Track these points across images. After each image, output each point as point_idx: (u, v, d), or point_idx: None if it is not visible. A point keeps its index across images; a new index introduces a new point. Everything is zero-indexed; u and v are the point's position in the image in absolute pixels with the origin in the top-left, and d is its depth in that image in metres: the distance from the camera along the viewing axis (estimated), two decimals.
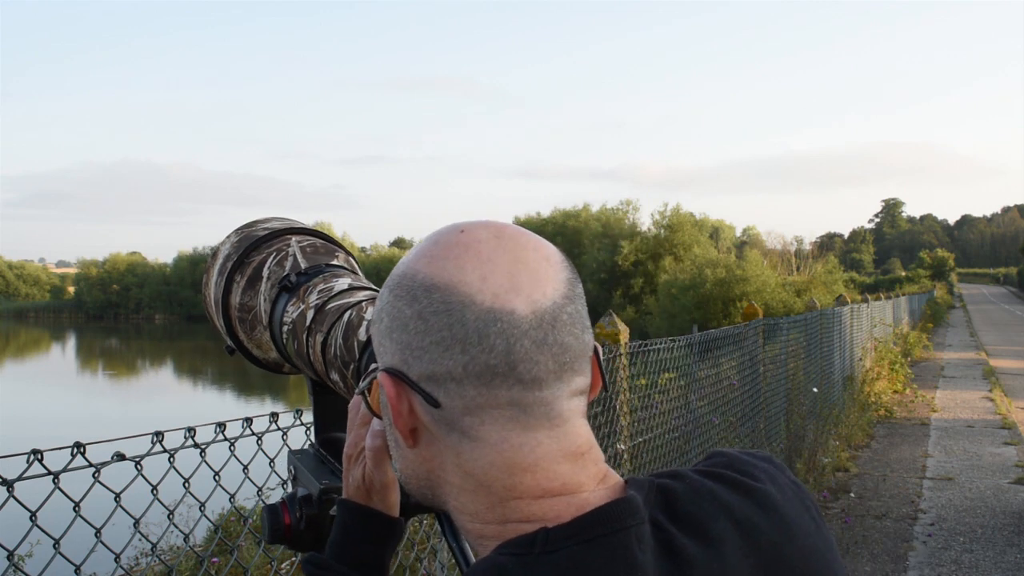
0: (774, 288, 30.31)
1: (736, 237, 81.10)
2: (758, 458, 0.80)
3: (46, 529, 1.51)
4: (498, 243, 0.72)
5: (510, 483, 0.70)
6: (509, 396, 0.69)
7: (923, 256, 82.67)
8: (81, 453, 1.51)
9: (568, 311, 0.71)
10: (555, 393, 0.70)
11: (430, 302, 0.69)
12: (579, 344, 0.71)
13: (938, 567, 5.25)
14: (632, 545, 0.67)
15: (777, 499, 0.75)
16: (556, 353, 0.69)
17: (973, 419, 10.58)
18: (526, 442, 0.70)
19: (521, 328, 0.68)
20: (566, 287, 0.72)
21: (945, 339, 24.65)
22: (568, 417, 0.71)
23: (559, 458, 0.70)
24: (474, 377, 0.69)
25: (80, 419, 18.22)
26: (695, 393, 4.84)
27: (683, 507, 0.71)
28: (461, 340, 0.68)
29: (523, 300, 0.69)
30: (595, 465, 0.72)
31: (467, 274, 0.69)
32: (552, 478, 0.70)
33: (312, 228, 1.21)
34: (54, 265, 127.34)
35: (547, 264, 0.72)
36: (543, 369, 0.69)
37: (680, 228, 41.68)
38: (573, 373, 0.71)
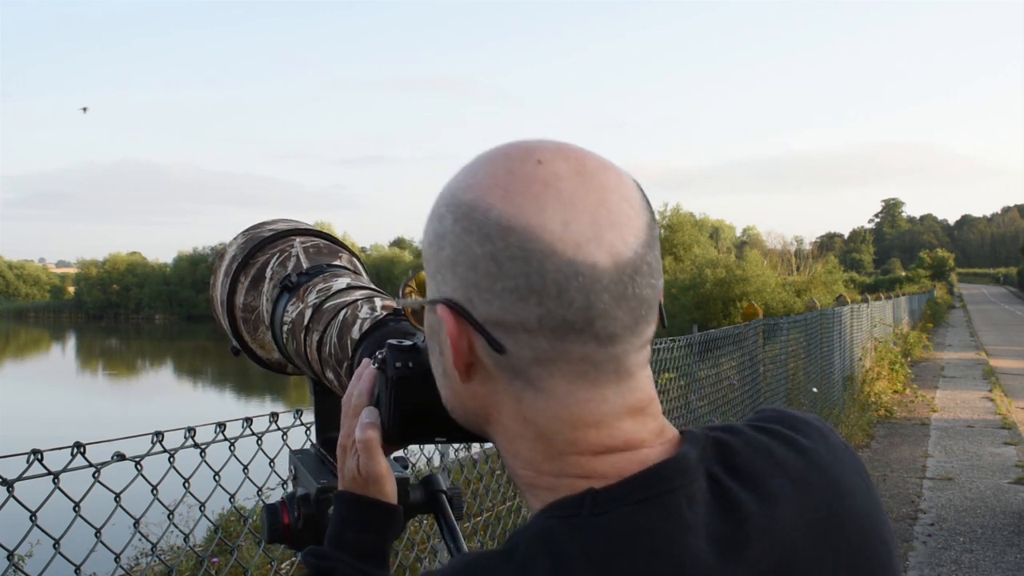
0: (774, 288, 30.31)
1: (736, 237, 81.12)
2: (811, 417, 0.79)
3: (46, 529, 1.51)
4: (581, 181, 0.67)
5: (572, 437, 0.68)
6: (583, 352, 0.66)
7: (923, 256, 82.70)
8: (81, 453, 1.51)
9: (648, 260, 0.67)
10: (627, 348, 0.67)
11: (506, 246, 0.65)
12: (655, 294, 0.68)
13: (938, 567, 5.25)
14: (682, 505, 0.65)
15: (827, 459, 0.73)
16: (634, 307, 0.66)
17: (973, 419, 10.58)
18: (592, 397, 0.67)
19: (602, 283, 0.65)
20: (647, 233, 0.68)
21: (945, 339, 24.65)
22: (634, 371, 0.69)
23: (623, 414, 0.68)
24: (548, 331, 0.65)
25: (80, 419, 18.22)
26: (695, 393, 4.85)
27: (741, 462, 0.70)
28: (538, 292, 0.64)
29: (605, 251, 0.65)
30: (655, 420, 0.70)
31: (548, 218, 0.65)
32: (615, 435, 0.68)
33: (317, 229, 1.21)
34: (54, 265, 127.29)
35: (629, 207, 0.68)
36: (619, 324, 0.66)
37: (680, 228, 41.71)
38: (646, 324, 0.68)
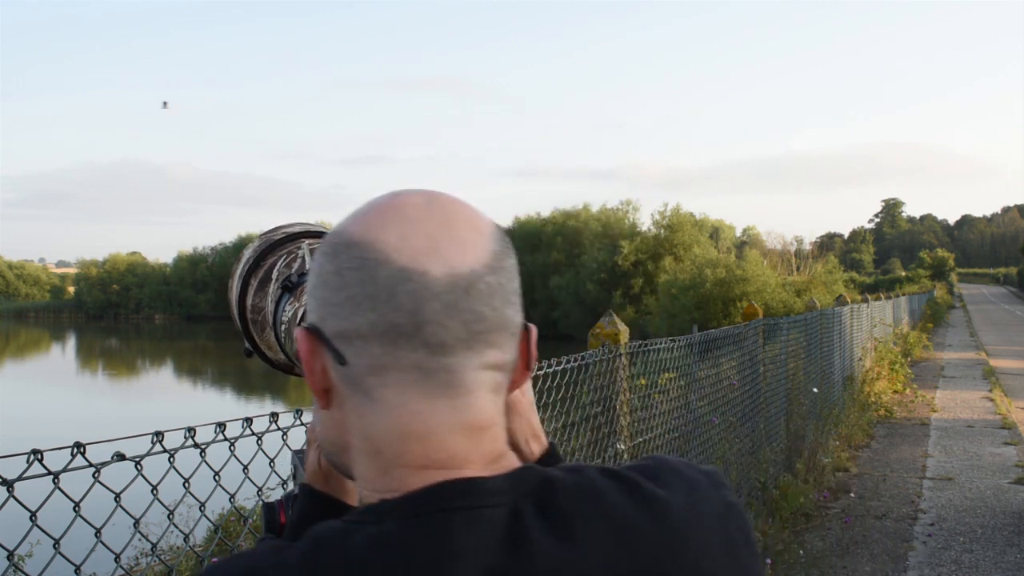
0: (774, 288, 30.30)
1: (736, 237, 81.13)
2: (693, 470, 0.77)
3: (46, 529, 1.51)
4: (428, 207, 0.70)
5: (400, 449, 0.68)
6: (413, 359, 0.67)
7: (923, 256, 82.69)
8: (81, 453, 1.51)
9: (488, 281, 0.69)
10: (462, 362, 0.68)
11: (349, 258, 0.69)
12: (497, 317, 0.69)
13: (938, 567, 5.24)
14: (455, 527, 0.65)
15: (681, 514, 0.71)
16: (467, 320, 0.67)
17: (973, 419, 10.58)
18: (423, 409, 0.68)
19: (432, 290, 0.67)
20: (490, 257, 0.70)
21: (945, 339, 24.64)
22: (473, 389, 0.69)
23: (455, 429, 0.68)
24: (380, 335, 0.67)
25: (80, 419, 18.22)
26: (695, 393, 4.84)
27: (559, 501, 0.68)
28: (371, 297, 0.67)
29: (439, 262, 0.67)
30: (493, 443, 0.70)
31: (388, 233, 0.68)
32: (440, 449, 0.68)
33: (323, 231, 1.20)
34: (54, 265, 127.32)
35: (474, 232, 0.70)
36: (451, 335, 0.67)
37: (680, 228, 41.68)
38: (486, 345, 0.69)
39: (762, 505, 5.71)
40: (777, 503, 5.89)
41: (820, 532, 5.88)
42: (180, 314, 74.42)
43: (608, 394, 3.73)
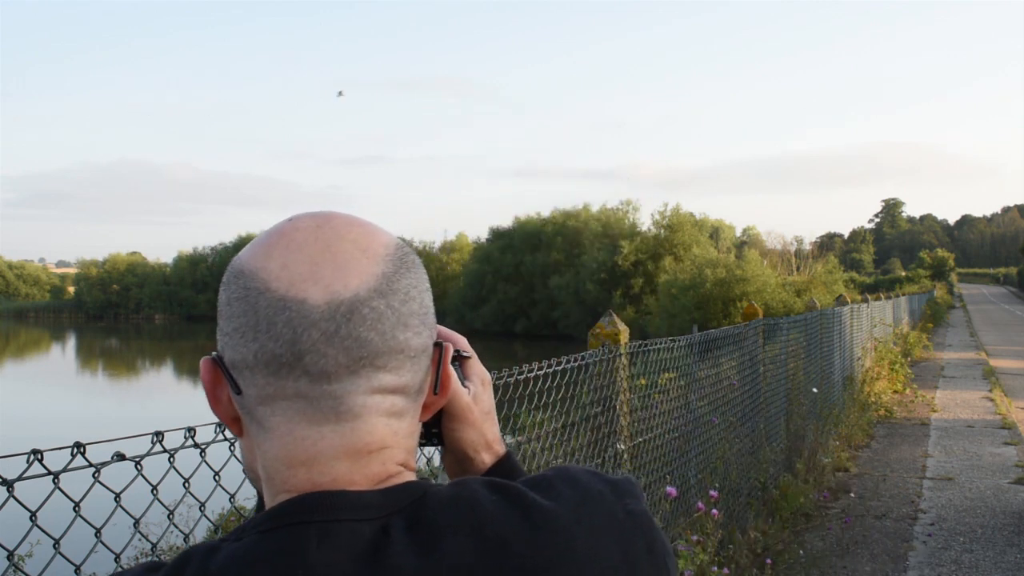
0: (774, 288, 30.31)
1: (736, 237, 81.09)
2: (596, 479, 0.75)
3: (46, 529, 1.51)
4: (315, 232, 0.70)
5: (286, 475, 0.69)
6: (296, 387, 0.67)
7: (923, 256, 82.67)
8: (81, 453, 1.51)
9: (373, 305, 0.68)
10: (347, 388, 0.68)
11: (236, 288, 0.69)
12: (384, 341, 0.68)
13: (938, 567, 5.24)
14: (307, 541, 0.64)
15: (563, 522, 0.69)
16: (349, 347, 0.67)
17: (973, 419, 10.58)
18: (309, 435, 0.68)
19: (310, 318, 0.66)
20: (378, 280, 0.69)
21: (945, 339, 24.64)
22: (360, 414, 0.68)
23: (339, 454, 0.68)
24: (263, 365, 0.67)
25: (80, 419, 18.23)
26: (695, 393, 4.84)
27: (430, 515, 0.68)
28: (254, 327, 0.67)
29: (319, 289, 0.67)
30: (382, 465, 0.70)
31: (270, 261, 0.68)
32: (324, 473, 0.68)
33: None
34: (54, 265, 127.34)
35: (361, 255, 0.69)
36: (332, 362, 0.67)
37: (680, 228, 41.69)
38: (374, 370, 0.68)
39: (762, 505, 5.71)
40: (777, 503, 5.88)
41: (820, 532, 5.88)
42: (180, 314, 74.40)
43: (608, 394, 3.73)
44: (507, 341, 44.06)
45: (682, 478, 4.60)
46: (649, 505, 3.77)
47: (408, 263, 0.72)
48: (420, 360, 0.72)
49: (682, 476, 4.62)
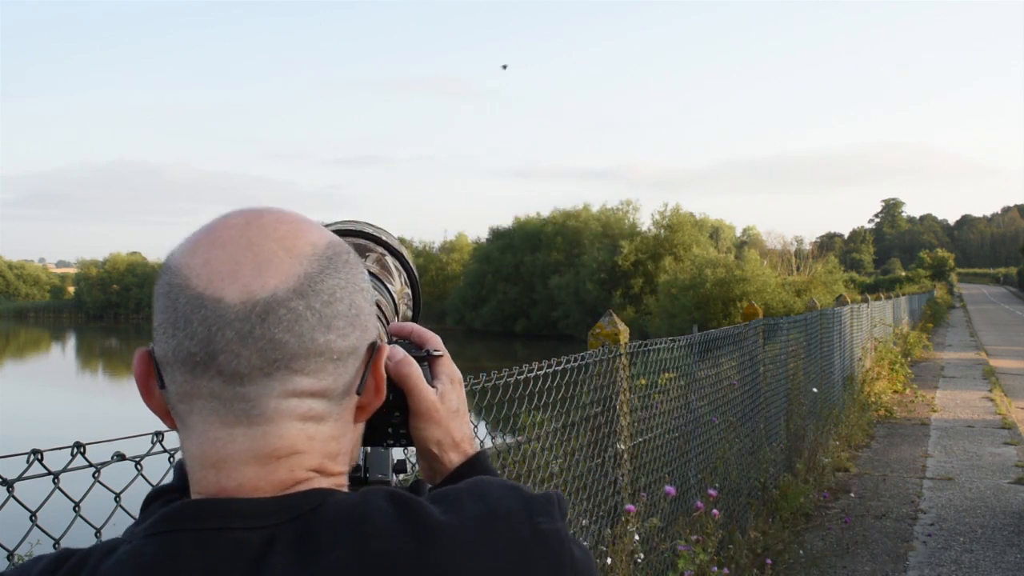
0: (774, 288, 30.32)
1: (736, 237, 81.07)
2: (509, 496, 0.72)
3: (46, 529, 1.51)
4: (242, 229, 0.69)
5: (198, 477, 0.68)
6: (211, 388, 0.66)
7: (923, 256, 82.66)
8: (81, 453, 1.51)
9: (292, 306, 0.66)
10: (260, 391, 0.66)
11: (162, 283, 0.69)
12: (301, 344, 0.67)
13: (938, 567, 5.24)
14: (184, 548, 0.64)
15: (455, 538, 0.67)
16: (263, 348, 0.66)
17: (973, 419, 10.58)
18: (221, 437, 0.67)
19: (225, 317, 0.65)
20: (298, 281, 0.67)
21: (945, 339, 24.64)
22: (273, 418, 0.67)
23: (248, 458, 0.67)
24: (181, 363, 0.66)
25: (80, 419, 18.22)
26: (695, 393, 4.84)
27: (321, 527, 0.66)
28: (173, 324, 0.66)
29: (237, 288, 0.66)
30: (289, 472, 0.68)
31: (195, 257, 0.68)
32: (231, 477, 0.67)
33: (357, 229, 1.16)
34: (54, 265, 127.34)
35: (284, 255, 0.68)
36: (245, 363, 0.65)
37: (680, 228, 41.71)
38: (290, 372, 0.67)
39: (762, 505, 5.71)
40: (777, 503, 5.88)
41: (820, 532, 5.88)
42: None
43: (608, 394, 3.73)
44: (507, 341, 44.05)
45: (682, 478, 4.60)
46: (649, 505, 3.74)
47: (338, 262, 0.71)
48: (346, 362, 0.70)
49: (682, 476, 4.62)
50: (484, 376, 2.70)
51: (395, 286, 1.13)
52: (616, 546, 3.45)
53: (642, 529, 3.65)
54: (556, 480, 3.33)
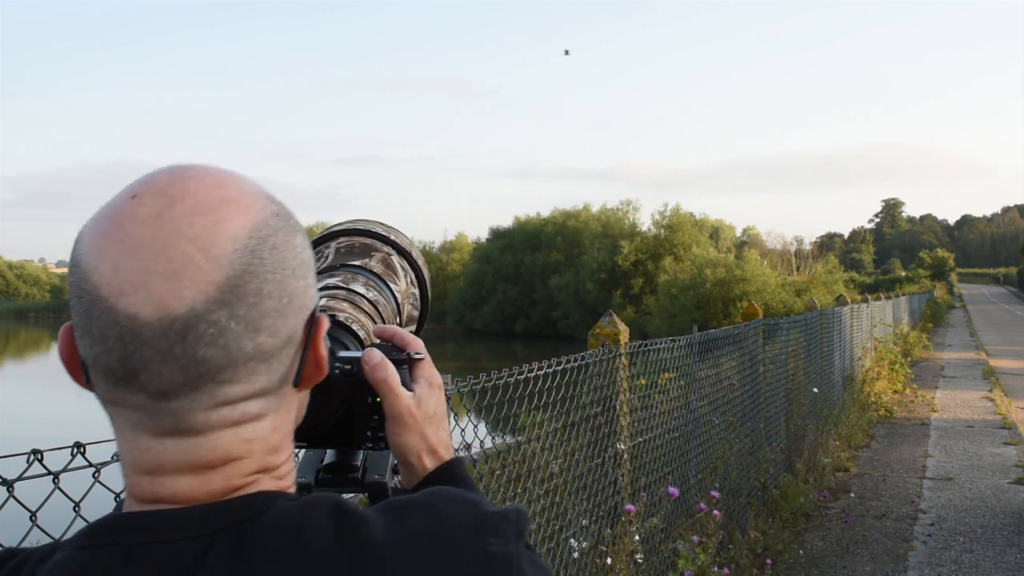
0: (774, 288, 30.33)
1: (736, 237, 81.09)
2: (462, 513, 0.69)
3: (46, 529, 1.51)
4: (155, 224, 0.62)
5: (132, 482, 0.66)
6: (135, 401, 0.64)
7: (923, 256, 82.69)
8: (81, 453, 1.51)
9: (213, 319, 0.62)
10: (187, 405, 0.63)
11: (73, 282, 0.64)
12: (226, 355, 0.63)
13: (938, 567, 5.24)
14: (111, 562, 0.62)
15: (392, 559, 0.64)
16: (185, 366, 0.62)
17: (973, 419, 10.58)
18: (153, 447, 0.65)
19: (141, 336, 0.61)
20: (219, 289, 0.62)
21: (945, 339, 24.64)
22: (203, 430, 0.64)
23: (182, 468, 0.65)
24: (101, 374, 0.64)
25: (80, 419, 18.20)
26: (695, 393, 4.84)
27: (256, 537, 0.64)
28: (89, 334, 0.63)
29: (150, 304, 0.61)
30: (226, 480, 0.66)
31: (104, 260, 0.62)
32: (166, 486, 0.65)
33: (365, 228, 1.16)
34: (54, 265, 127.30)
35: (201, 258, 0.62)
36: (168, 381, 0.62)
37: (680, 228, 41.71)
38: (217, 384, 0.63)
39: (762, 505, 5.71)
40: (777, 503, 5.88)
41: (820, 532, 5.88)
42: None
43: (608, 394, 3.73)
44: (507, 341, 44.05)
45: (682, 478, 4.60)
46: (649, 505, 3.73)
47: (264, 251, 0.65)
48: (281, 355, 0.67)
49: (682, 476, 4.62)
50: (484, 376, 2.70)
51: (400, 286, 1.13)
52: (616, 546, 3.45)
53: (642, 529, 3.65)
54: (556, 480, 3.33)
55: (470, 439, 2.72)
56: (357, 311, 0.98)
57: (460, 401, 2.66)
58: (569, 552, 3.26)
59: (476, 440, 2.76)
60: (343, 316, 0.94)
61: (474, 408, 2.72)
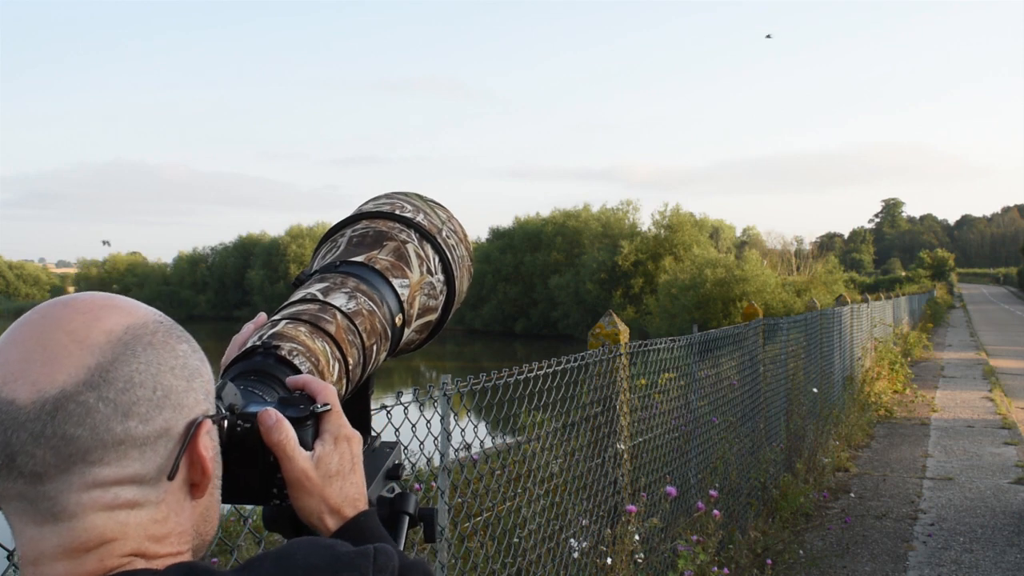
0: (774, 288, 30.33)
1: (736, 237, 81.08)
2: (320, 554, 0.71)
3: None
4: (37, 324, 0.69)
5: (24, 573, 0.69)
6: (17, 489, 0.67)
7: (923, 256, 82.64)
8: None
9: (81, 400, 0.66)
10: (59, 487, 0.66)
11: None
12: (95, 436, 0.66)
13: (938, 567, 5.24)
14: None
15: None
16: (56, 446, 0.65)
17: (973, 419, 10.58)
18: (34, 536, 0.68)
19: (19, 419, 0.65)
20: (89, 373, 0.67)
21: (945, 339, 24.63)
22: (76, 512, 0.67)
23: (58, 555, 0.67)
24: None
25: None
26: (695, 393, 4.84)
27: None
28: None
29: (27, 388, 0.66)
30: (100, 562, 0.68)
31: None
32: (48, 574, 0.67)
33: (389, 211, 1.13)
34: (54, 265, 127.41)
35: (75, 347, 0.68)
36: (41, 463, 0.65)
37: (680, 228, 41.68)
38: (88, 465, 0.66)
39: (762, 505, 5.71)
40: (777, 503, 5.88)
41: (820, 532, 5.88)
42: (180, 314, 74.41)
43: (608, 394, 3.73)
44: (507, 341, 44.06)
45: (682, 478, 4.60)
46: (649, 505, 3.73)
47: (138, 346, 0.69)
48: (155, 446, 0.69)
49: (682, 476, 4.62)
50: (484, 376, 2.69)
51: (411, 278, 1.08)
52: (616, 546, 3.45)
53: (642, 529, 3.65)
54: (556, 480, 3.33)
55: (470, 439, 2.72)
56: (315, 335, 0.95)
57: (460, 401, 2.66)
58: (569, 552, 3.26)
59: (476, 440, 2.76)
60: (287, 348, 0.91)
61: (474, 408, 2.72)
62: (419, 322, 1.11)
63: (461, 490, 2.89)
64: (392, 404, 2.27)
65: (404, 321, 1.07)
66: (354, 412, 1.07)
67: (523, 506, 3.14)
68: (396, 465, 1.04)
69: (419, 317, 1.10)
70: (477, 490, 2.88)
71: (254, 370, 0.90)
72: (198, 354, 0.76)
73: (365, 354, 1.00)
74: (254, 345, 0.92)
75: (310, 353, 0.92)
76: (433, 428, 2.50)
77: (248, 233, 70.83)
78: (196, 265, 75.29)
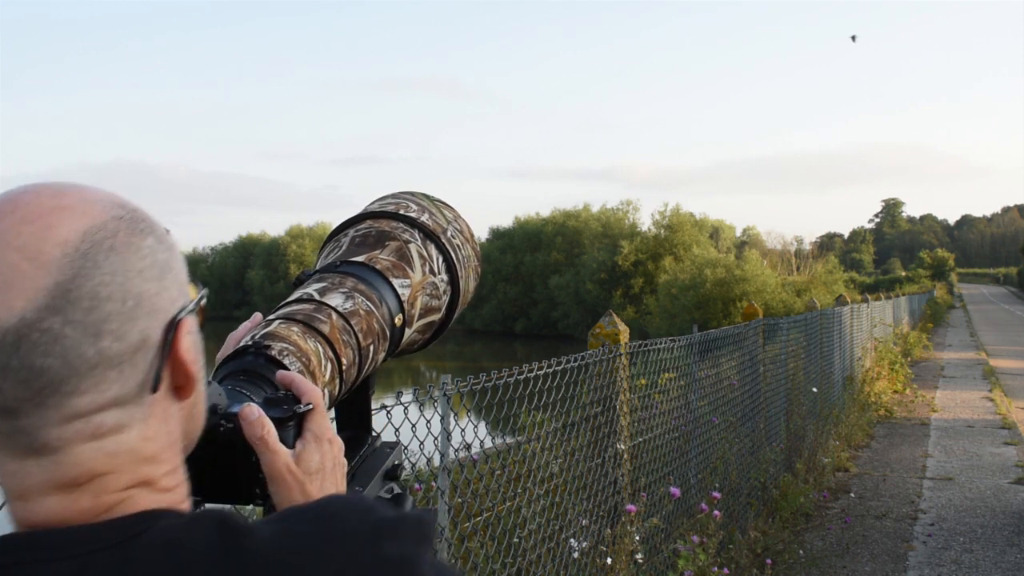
0: (774, 288, 30.34)
1: (736, 237, 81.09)
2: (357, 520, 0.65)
3: None
4: None
5: (11, 508, 0.65)
6: None
7: (923, 256, 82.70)
8: None
9: (45, 326, 0.59)
10: (36, 422, 0.61)
11: None
12: (67, 364, 0.60)
13: (938, 567, 5.24)
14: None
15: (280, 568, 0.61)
16: (25, 379, 0.60)
17: (973, 419, 10.58)
18: (17, 470, 0.63)
19: None
20: (48, 296, 0.60)
21: (945, 339, 24.64)
22: (59, 446, 0.62)
23: (48, 489, 0.63)
24: None
25: None
26: (695, 393, 4.84)
27: (135, 558, 0.61)
28: None
29: None
30: (95, 498, 0.63)
31: None
32: (38, 510, 0.63)
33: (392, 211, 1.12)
34: None
35: (29, 266, 0.60)
36: (11, 398, 0.60)
37: (680, 228, 41.69)
38: (64, 396, 0.61)
39: (762, 505, 5.71)
40: (777, 503, 5.88)
41: (820, 532, 5.88)
42: None
43: (608, 394, 3.73)
44: (507, 341, 44.05)
45: (682, 478, 4.60)
46: (649, 505, 3.73)
47: (98, 253, 0.62)
48: (134, 360, 0.64)
49: (682, 476, 4.62)
50: (484, 376, 2.69)
51: (413, 278, 1.08)
52: (616, 546, 3.44)
53: (642, 529, 3.65)
54: (556, 480, 3.33)
55: (470, 439, 2.72)
56: (308, 335, 0.94)
57: (460, 401, 2.66)
58: (569, 552, 3.25)
59: (476, 440, 2.76)
60: (277, 348, 0.90)
61: (474, 408, 2.72)
62: (421, 322, 1.11)
63: (461, 490, 2.89)
64: (392, 404, 2.27)
65: (404, 321, 1.07)
66: (354, 412, 1.07)
67: (523, 506, 3.14)
68: (395, 465, 1.03)
69: (421, 317, 1.10)
70: (477, 490, 2.88)
71: (243, 370, 0.89)
72: (165, 243, 0.68)
73: (361, 354, 0.99)
74: (245, 345, 0.91)
75: (301, 353, 0.92)
76: (433, 428, 2.50)
77: (248, 233, 70.94)
78: (196, 265, 75.31)
